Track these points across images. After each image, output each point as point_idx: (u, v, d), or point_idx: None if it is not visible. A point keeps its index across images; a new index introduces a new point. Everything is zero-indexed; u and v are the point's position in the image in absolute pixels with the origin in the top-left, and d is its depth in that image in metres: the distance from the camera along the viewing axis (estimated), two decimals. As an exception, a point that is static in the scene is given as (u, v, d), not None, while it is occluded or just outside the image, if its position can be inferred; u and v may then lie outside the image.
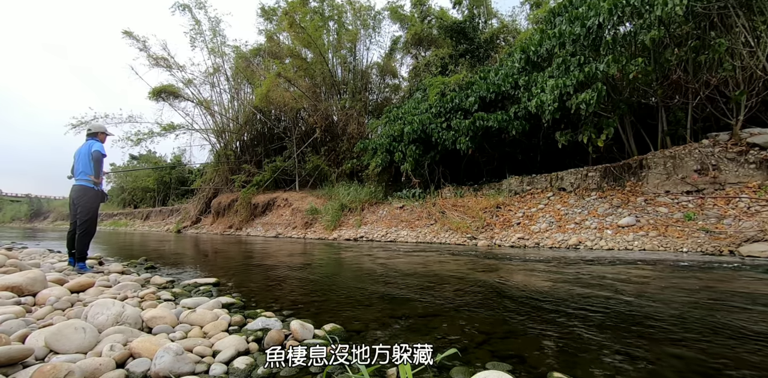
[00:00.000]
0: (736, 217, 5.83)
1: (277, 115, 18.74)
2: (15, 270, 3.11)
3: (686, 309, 2.39)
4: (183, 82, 19.33)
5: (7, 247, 5.35)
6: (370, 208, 11.98)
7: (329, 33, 17.10)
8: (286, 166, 16.86)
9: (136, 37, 18.05)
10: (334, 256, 6.21)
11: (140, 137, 19.16)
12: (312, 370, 1.52)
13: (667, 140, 7.61)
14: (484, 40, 14.38)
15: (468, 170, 11.38)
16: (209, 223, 18.71)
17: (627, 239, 6.22)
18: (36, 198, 52.56)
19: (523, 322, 2.15)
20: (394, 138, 11.01)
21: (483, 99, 9.54)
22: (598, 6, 6.93)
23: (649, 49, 7.17)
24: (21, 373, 1.34)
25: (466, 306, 2.56)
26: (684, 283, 3.23)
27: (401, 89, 18.29)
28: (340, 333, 1.95)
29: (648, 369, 1.50)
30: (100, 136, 4.00)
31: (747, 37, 6.56)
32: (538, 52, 8.30)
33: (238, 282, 3.61)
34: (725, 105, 7.03)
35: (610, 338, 1.85)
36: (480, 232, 8.28)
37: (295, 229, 13.39)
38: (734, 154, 6.51)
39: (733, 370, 1.49)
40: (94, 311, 1.90)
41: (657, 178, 7.18)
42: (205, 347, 1.68)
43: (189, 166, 26.36)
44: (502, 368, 1.47)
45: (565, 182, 8.56)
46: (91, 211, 3.80)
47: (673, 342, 1.80)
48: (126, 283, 2.97)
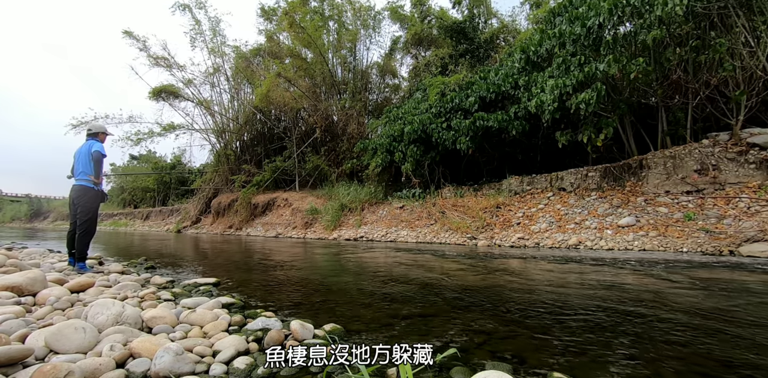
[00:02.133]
0: (736, 217, 5.83)
1: (277, 115, 18.73)
2: (15, 270, 3.11)
3: (686, 309, 2.39)
4: (183, 82, 19.34)
5: (7, 247, 5.34)
6: (370, 208, 11.97)
7: (329, 33, 17.10)
8: (286, 166, 16.85)
9: (136, 37, 18.05)
10: (334, 256, 6.20)
11: (140, 137, 19.18)
12: (312, 370, 1.52)
13: (667, 140, 7.61)
14: (484, 40, 14.38)
15: (468, 170, 11.38)
16: (209, 223, 18.71)
17: (627, 239, 6.22)
18: (36, 198, 52.56)
19: (524, 323, 2.15)
20: (394, 138, 11.01)
21: (483, 99, 9.53)
22: (599, 6, 6.93)
23: (649, 49, 7.17)
24: (21, 373, 1.34)
25: (466, 306, 2.56)
26: (684, 284, 3.23)
27: (401, 89, 18.29)
28: (340, 333, 1.95)
29: (648, 369, 1.50)
30: (100, 136, 4.01)
31: (747, 37, 6.56)
32: (538, 52, 8.30)
33: (238, 282, 3.61)
34: (725, 105, 7.03)
35: (610, 338, 1.86)
36: (480, 232, 8.28)
37: (295, 229, 13.38)
38: (734, 154, 6.51)
39: (734, 371, 1.49)
40: (94, 311, 1.90)
41: (657, 178, 7.18)
42: (205, 347, 1.68)
43: (189, 166, 26.36)
44: (502, 368, 1.47)
45: (565, 182, 8.56)
46: (91, 211, 3.80)
47: (674, 342, 1.80)
48: (126, 283, 2.97)
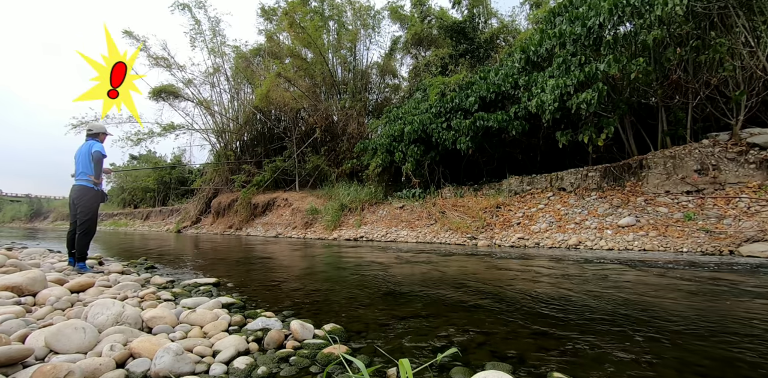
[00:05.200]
0: (736, 217, 5.83)
1: (277, 115, 18.72)
2: (15, 270, 3.11)
3: (686, 309, 2.39)
4: (183, 82, 19.33)
5: (7, 247, 5.35)
6: (370, 208, 11.97)
7: (329, 33, 17.10)
8: (286, 166, 16.85)
9: (136, 37, 18.05)
10: (334, 256, 6.20)
11: (140, 137, 19.17)
12: (312, 370, 1.52)
13: (667, 140, 7.61)
14: (484, 40, 14.37)
15: (468, 170, 11.37)
16: (209, 223, 18.71)
17: (627, 239, 6.22)
18: (36, 198, 52.53)
19: (524, 323, 2.15)
20: (394, 138, 11.01)
21: (483, 99, 9.53)
22: (599, 6, 6.93)
23: (649, 49, 7.17)
24: (21, 373, 1.34)
25: (466, 306, 2.56)
26: (684, 284, 3.23)
27: (401, 89, 18.28)
28: (340, 333, 1.96)
29: (648, 369, 1.50)
30: (100, 136, 4.00)
31: (747, 37, 6.56)
32: (538, 52, 8.30)
33: (238, 282, 3.61)
34: (725, 105, 7.03)
35: (610, 339, 1.86)
36: (480, 232, 8.28)
37: (295, 229, 13.38)
38: (734, 154, 6.51)
39: (734, 371, 1.48)
40: (94, 311, 1.90)
41: (657, 178, 7.18)
42: (205, 347, 1.68)
43: (189, 166, 26.35)
44: (502, 368, 1.47)
45: (565, 182, 8.56)
46: (91, 211, 3.81)
47: (674, 342, 1.80)
48: (126, 283, 2.97)
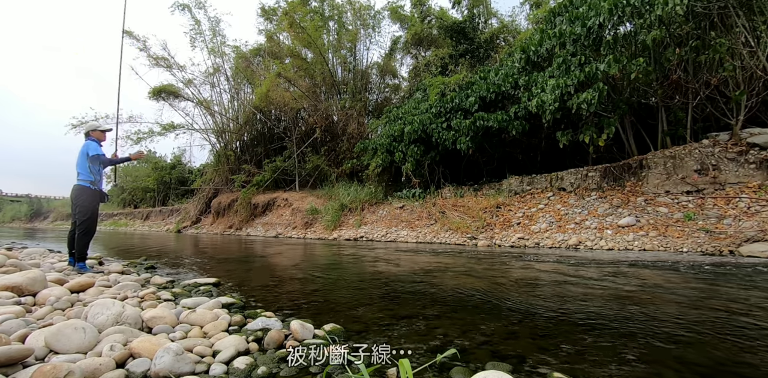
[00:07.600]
0: (736, 217, 5.82)
1: (277, 115, 18.72)
2: (15, 270, 3.10)
3: (686, 310, 2.39)
4: (183, 82, 19.33)
5: (7, 247, 5.35)
6: (370, 208, 11.97)
7: (329, 33, 17.10)
8: (286, 166, 16.85)
9: (136, 37, 18.02)
10: (334, 256, 6.20)
11: (140, 136, 19.13)
12: (312, 370, 1.52)
13: (667, 140, 7.61)
14: (484, 40, 14.37)
15: (468, 170, 11.37)
16: (209, 223, 18.70)
17: (627, 239, 6.22)
18: (36, 198, 52.53)
19: (524, 322, 2.15)
20: (394, 138, 11.00)
21: (483, 99, 9.53)
22: (599, 6, 6.93)
23: (649, 49, 7.17)
24: (21, 373, 1.34)
25: (466, 306, 2.56)
26: (683, 284, 3.23)
27: (401, 89, 18.29)
28: (340, 333, 1.96)
29: (648, 369, 1.49)
30: (94, 134, 3.98)
31: (747, 37, 6.55)
32: (539, 52, 8.30)
33: (238, 282, 3.61)
34: (725, 105, 7.03)
35: (610, 339, 1.85)
36: (480, 232, 8.28)
37: (295, 229, 13.38)
38: (734, 154, 6.51)
39: (734, 371, 1.48)
40: (94, 311, 1.90)
41: (657, 178, 7.18)
42: (205, 347, 1.68)
43: (189, 166, 26.33)
44: (502, 368, 1.47)
45: (565, 182, 8.56)
46: (90, 211, 3.80)
47: (674, 343, 1.79)
48: (126, 283, 2.97)
